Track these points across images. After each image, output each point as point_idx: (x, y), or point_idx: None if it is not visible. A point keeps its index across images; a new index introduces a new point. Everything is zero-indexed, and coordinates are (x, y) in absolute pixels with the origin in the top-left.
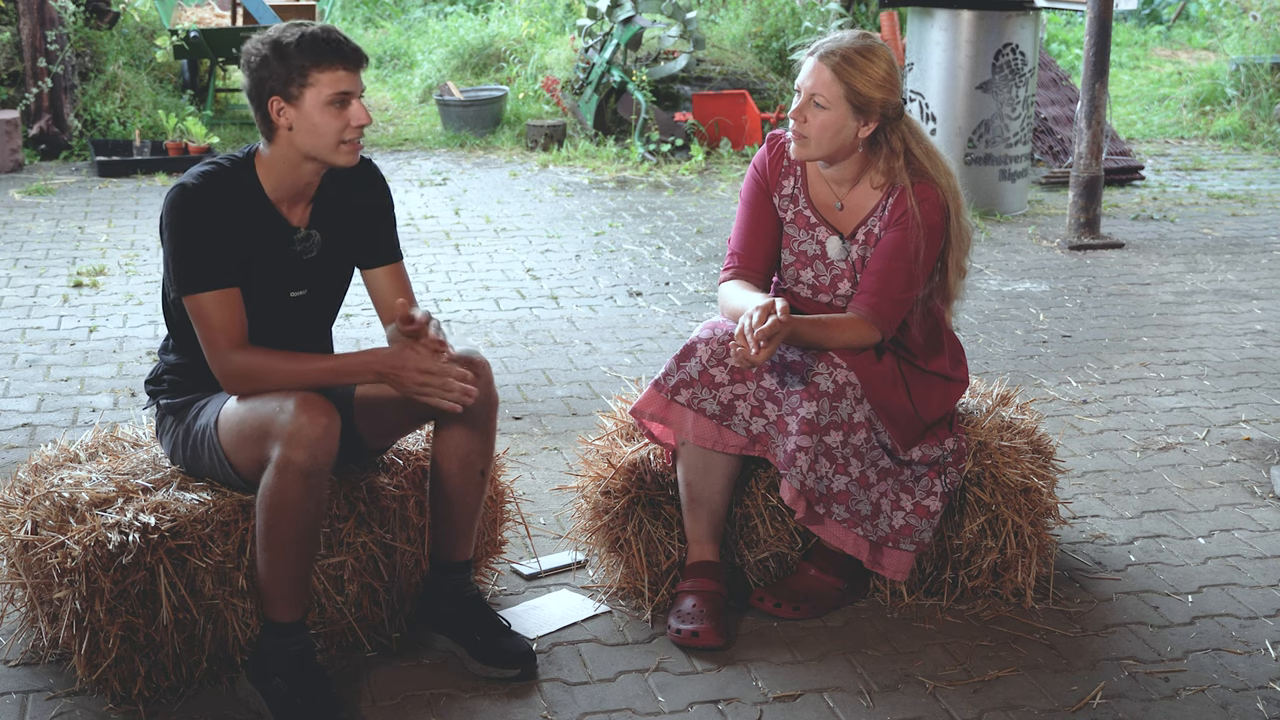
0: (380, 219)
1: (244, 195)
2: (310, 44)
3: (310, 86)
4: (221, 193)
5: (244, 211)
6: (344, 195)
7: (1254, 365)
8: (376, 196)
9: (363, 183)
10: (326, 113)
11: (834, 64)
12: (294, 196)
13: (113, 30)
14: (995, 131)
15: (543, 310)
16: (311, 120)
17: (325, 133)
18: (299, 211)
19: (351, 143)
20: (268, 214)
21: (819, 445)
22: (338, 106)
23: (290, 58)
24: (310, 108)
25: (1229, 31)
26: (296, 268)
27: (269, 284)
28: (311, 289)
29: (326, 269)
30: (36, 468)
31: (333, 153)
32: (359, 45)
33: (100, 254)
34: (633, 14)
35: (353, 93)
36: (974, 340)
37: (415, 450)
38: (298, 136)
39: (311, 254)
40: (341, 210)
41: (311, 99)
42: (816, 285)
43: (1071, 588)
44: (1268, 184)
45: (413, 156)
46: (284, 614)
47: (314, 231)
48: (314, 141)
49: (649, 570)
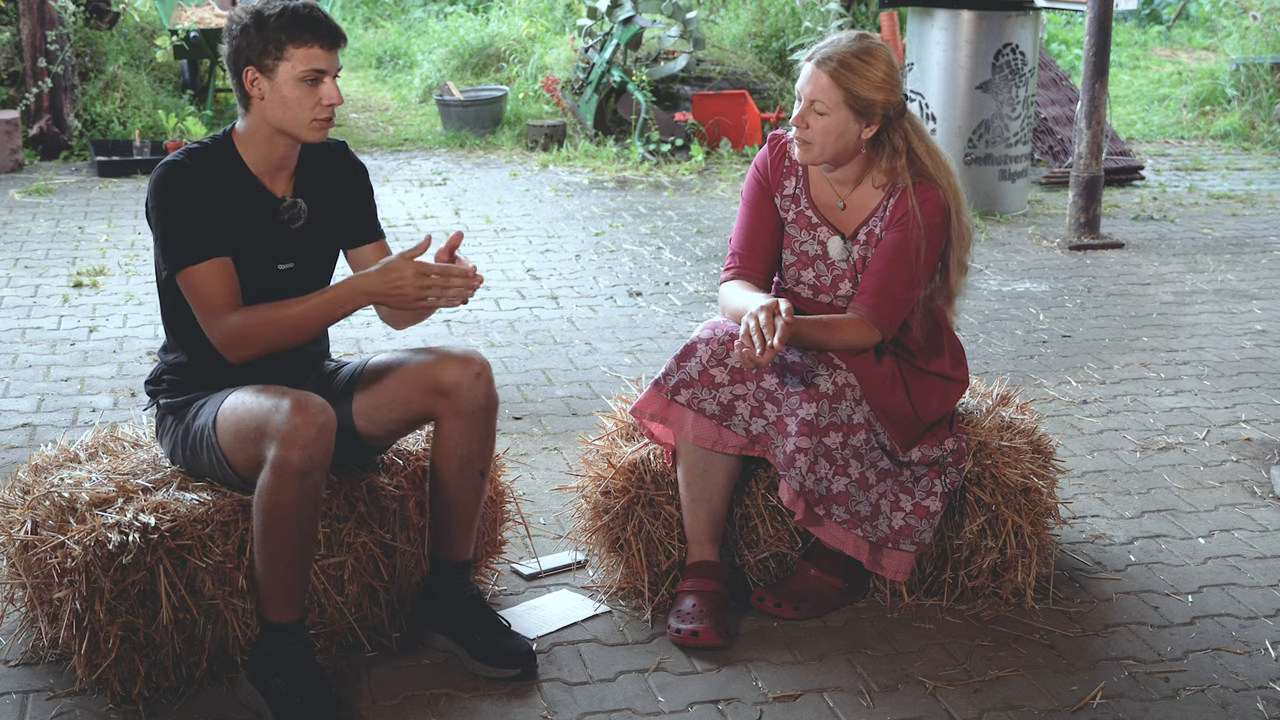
0: (363, 202)
1: (227, 170)
2: (290, 19)
3: (285, 60)
4: (206, 168)
5: (229, 185)
6: (325, 172)
7: (1254, 365)
8: (357, 180)
9: (343, 166)
10: (298, 88)
11: (831, 70)
12: (275, 168)
13: (113, 30)
14: (995, 131)
15: (543, 310)
16: (282, 94)
17: (295, 108)
18: (282, 182)
19: (321, 120)
20: (252, 186)
21: (818, 446)
22: (310, 84)
23: (268, 30)
24: (283, 81)
25: (1229, 31)
26: (284, 238)
27: (257, 256)
28: (299, 262)
29: (312, 240)
30: (36, 468)
31: (303, 129)
32: (338, 25)
33: (100, 254)
34: (633, 14)
35: (327, 71)
36: (974, 340)
37: (415, 450)
38: (269, 109)
39: (299, 222)
40: (324, 184)
41: (285, 73)
42: (817, 285)
43: (1071, 588)
44: (1268, 184)
45: (413, 156)
46: (282, 614)
47: (299, 200)
48: (284, 115)
49: (649, 570)
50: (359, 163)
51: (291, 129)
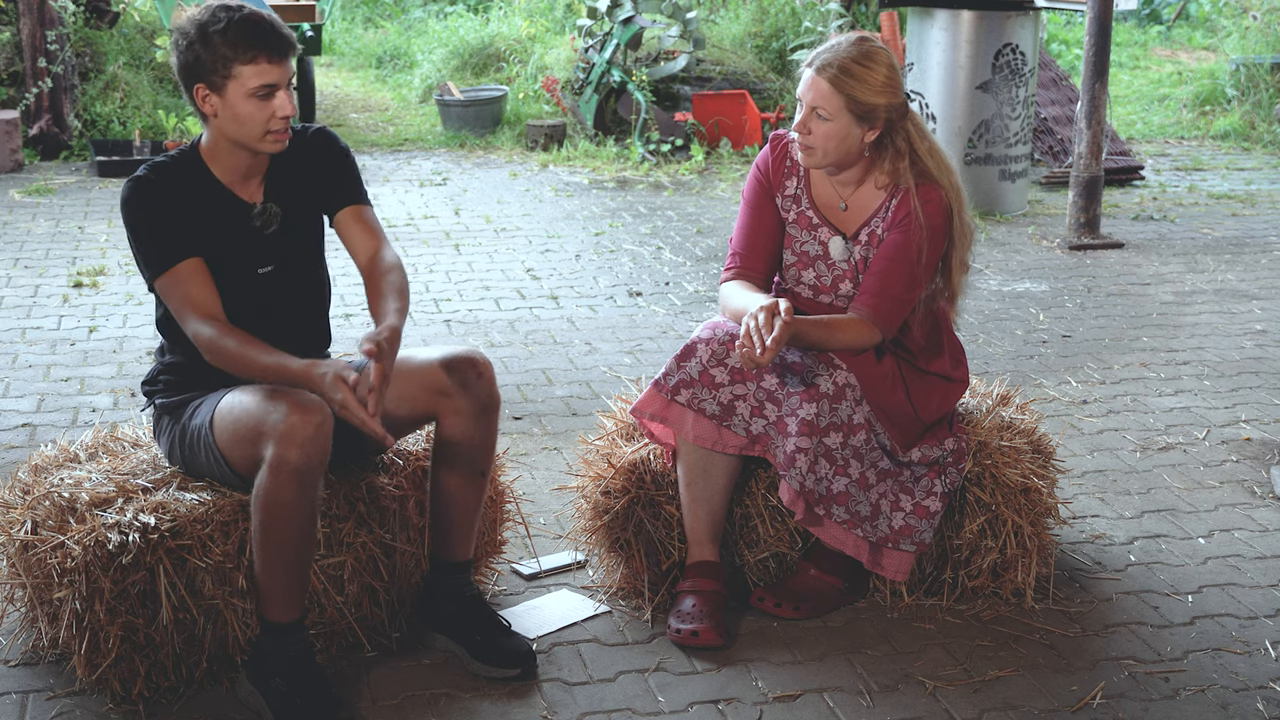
0: (339, 168)
1: (195, 182)
2: (235, 34)
3: (233, 79)
4: (173, 181)
5: (198, 196)
6: (298, 168)
7: (1254, 365)
8: (330, 156)
9: (316, 151)
10: (250, 104)
11: (831, 76)
12: (243, 177)
13: (113, 30)
14: (995, 131)
15: (543, 310)
16: (235, 110)
17: (249, 123)
18: (252, 188)
19: (277, 132)
20: (220, 196)
21: (819, 447)
22: (261, 99)
23: (215, 47)
24: (234, 99)
25: (1229, 31)
26: (259, 243)
27: (235, 263)
28: (279, 264)
29: (291, 240)
30: (36, 468)
31: (258, 142)
32: (287, 33)
33: (100, 254)
34: (633, 14)
35: (278, 85)
36: (974, 340)
37: (415, 450)
38: (223, 124)
39: (272, 227)
40: (296, 181)
41: (235, 90)
42: (818, 286)
43: (1071, 588)
44: (1268, 184)
45: (413, 156)
46: (282, 614)
47: (270, 204)
48: (238, 130)
49: (649, 570)
50: (339, 144)
51: (247, 143)
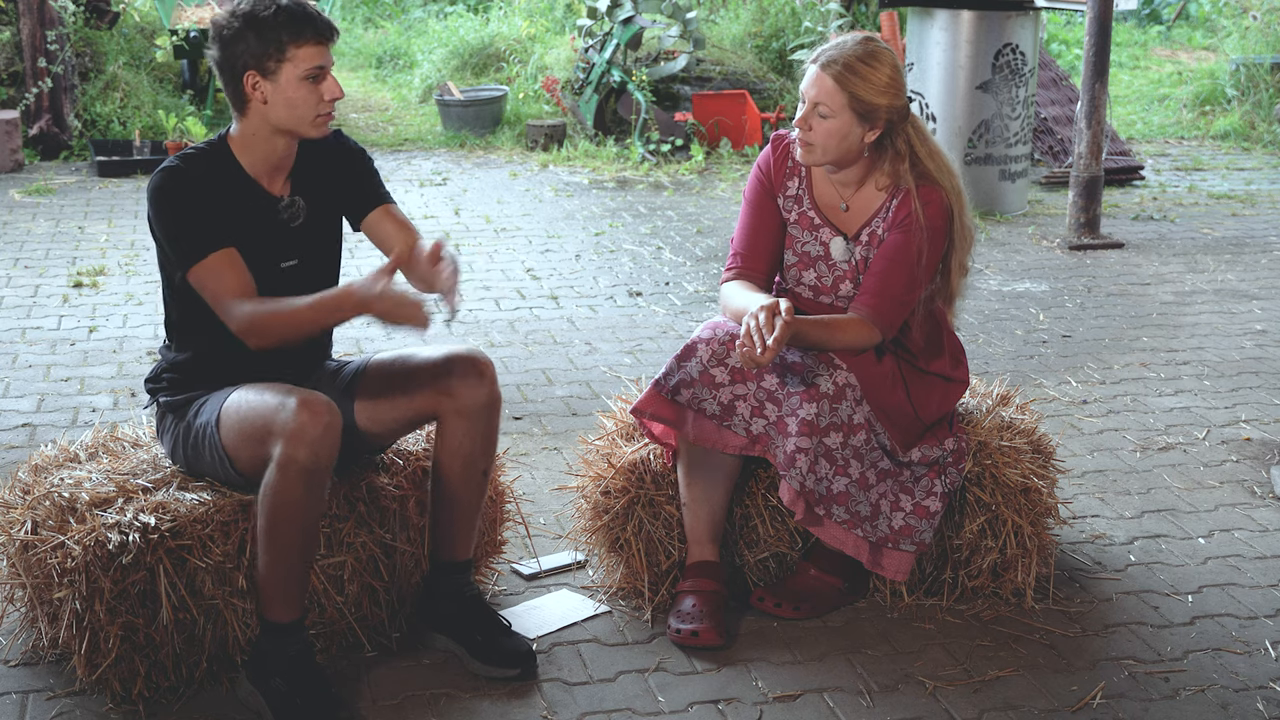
0: (361, 171)
1: (224, 173)
2: (287, 19)
3: (287, 61)
4: (202, 171)
5: (226, 188)
6: (321, 167)
7: (1254, 365)
8: (353, 159)
9: (338, 154)
10: (302, 88)
11: (835, 73)
12: (272, 170)
13: (113, 30)
14: (995, 131)
15: (543, 310)
16: (287, 95)
17: (301, 107)
18: (279, 182)
19: (325, 115)
20: (249, 188)
21: (819, 447)
22: (313, 81)
23: (267, 32)
24: (286, 83)
25: (1229, 31)
26: (284, 236)
27: (259, 256)
28: (302, 259)
29: (314, 235)
30: (36, 468)
31: (308, 126)
32: (331, 18)
33: (100, 254)
34: (633, 14)
35: (326, 67)
36: (974, 340)
37: (415, 450)
38: (272, 110)
39: (298, 220)
40: (320, 179)
41: (288, 74)
42: (818, 286)
43: (1071, 588)
44: (1268, 184)
45: (413, 156)
46: (283, 614)
47: (297, 198)
48: (289, 115)
49: (649, 570)
50: (355, 145)
51: (296, 127)
